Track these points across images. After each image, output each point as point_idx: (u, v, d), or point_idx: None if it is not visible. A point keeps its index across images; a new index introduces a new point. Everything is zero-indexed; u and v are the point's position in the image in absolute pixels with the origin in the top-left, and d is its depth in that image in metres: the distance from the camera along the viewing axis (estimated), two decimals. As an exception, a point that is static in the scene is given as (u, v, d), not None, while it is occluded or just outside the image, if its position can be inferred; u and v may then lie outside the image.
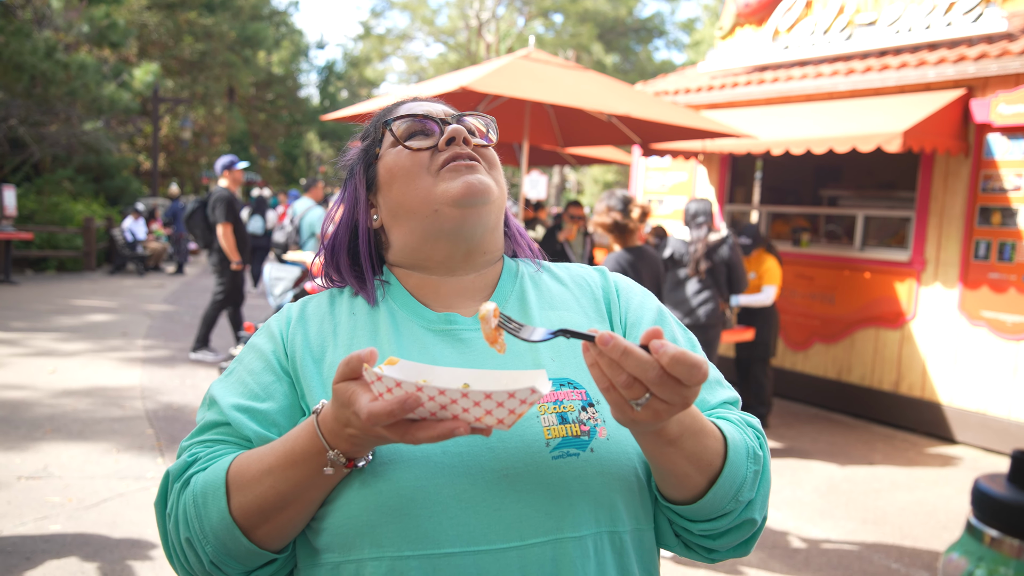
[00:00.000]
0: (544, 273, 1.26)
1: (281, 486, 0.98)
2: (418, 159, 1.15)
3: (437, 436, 0.86)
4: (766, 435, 6.43)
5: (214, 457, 1.06)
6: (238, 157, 7.85)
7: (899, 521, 4.85)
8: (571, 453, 1.01)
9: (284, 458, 0.97)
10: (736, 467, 1.01)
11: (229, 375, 1.14)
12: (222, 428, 1.08)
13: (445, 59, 34.98)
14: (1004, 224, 6.39)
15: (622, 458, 1.04)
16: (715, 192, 8.84)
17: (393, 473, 0.99)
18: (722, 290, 5.92)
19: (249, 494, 0.99)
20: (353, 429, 0.90)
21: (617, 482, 1.03)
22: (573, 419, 1.03)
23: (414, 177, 1.14)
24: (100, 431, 5.71)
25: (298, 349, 1.12)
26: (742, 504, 1.03)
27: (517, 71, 5.80)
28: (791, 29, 8.12)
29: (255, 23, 29.60)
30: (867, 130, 6.32)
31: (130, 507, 4.40)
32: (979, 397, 6.56)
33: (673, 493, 1.03)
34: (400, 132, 1.17)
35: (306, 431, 0.97)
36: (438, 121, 1.16)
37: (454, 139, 1.14)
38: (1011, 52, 6.21)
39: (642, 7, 35.69)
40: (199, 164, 30.90)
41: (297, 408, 1.09)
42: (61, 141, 17.45)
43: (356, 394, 0.88)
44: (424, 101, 1.23)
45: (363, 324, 1.15)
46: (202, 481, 1.02)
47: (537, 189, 16.59)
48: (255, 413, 1.07)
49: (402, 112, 1.20)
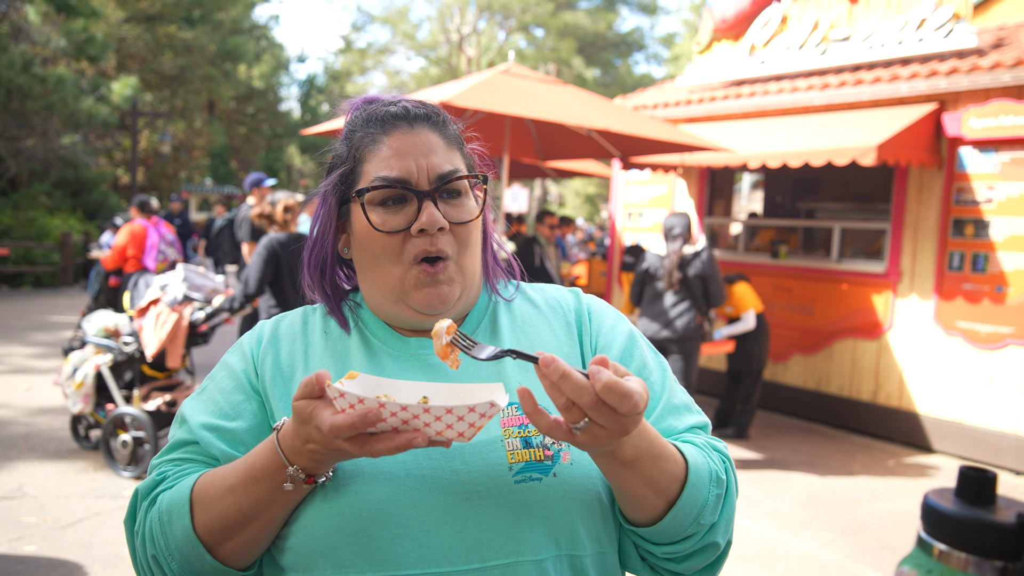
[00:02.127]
0: (519, 296, 1.26)
1: (243, 503, 0.98)
2: (389, 243, 1.09)
3: (395, 448, 0.87)
4: (746, 446, 6.47)
5: (181, 475, 1.07)
6: (259, 174, 7.69)
7: (878, 531, 4.90)
8: (534, 478, 1.02)
9: (245, 475, 0.98)
10: (696, 491, 1.01)
11: (201, 393, 1.15)
12: (191, 447, 1.09)
13: (426, 73, 35.07)
14: (977, 236, 6.50)
15: (585, 482, 1.04)
16: (694, 204, 8.92)
17: (355, 493, 0.99)
18: (699, 303, 5.97)
19: (212, 511, 1.00)
20: (314, 444, 0.91)
21: (579, 506, 1.03)
22: (537, 443, 1.04)
23: (383, 262, 1.11)
24: (76, 449, 5.64)
25: (268, 369, 1.13)
26: (704, 527, 1.03)
27: (497, 86, 5.84)
28: (767, 44, 8.24)
29: (235, 37, 29.53)
30: (842, 144, 6.42)
31: (106, 526, 4.34)
32: (955, 406, 6.64)
33: (633, 515, 1.03)
34: (370, 197, 1.10)
35: (267, 448, 0.97)
36: (415, 192, 1.09)
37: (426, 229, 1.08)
38: (981, 67, 6.34)
39: (622, 22, 36.04)
40: (178, 178, 30.69)
41: (266, 427, 1.10)
42: (38, 155, 17.28)
43: (317, 409, 0.89)
44: (402, 104, 1.15)
45: (335, 347, 1.15)
46: (168, 499, 1.03)
47: (518, 202, 16.63)
48: (223, 432, 1.08)
49: (380, 153, 1.11)
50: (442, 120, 1.16)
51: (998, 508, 0.95)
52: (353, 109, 1.20)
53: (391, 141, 1.11)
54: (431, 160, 1.10)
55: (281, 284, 5.27)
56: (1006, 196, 6.32)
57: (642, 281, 6.23)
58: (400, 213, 1.09)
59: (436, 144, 1.12)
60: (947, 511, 0.53)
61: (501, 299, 1.23)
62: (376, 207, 1.10)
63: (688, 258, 5.96)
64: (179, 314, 5.24)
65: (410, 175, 1.09)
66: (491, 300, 1.23)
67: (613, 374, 0.83)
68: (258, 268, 5.14)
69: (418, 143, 1.11)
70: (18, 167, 17.18)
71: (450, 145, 1.14)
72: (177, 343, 5.23)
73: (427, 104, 1.17)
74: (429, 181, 1.09)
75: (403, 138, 1.11)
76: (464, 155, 1.18)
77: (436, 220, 1.07)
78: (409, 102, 1.16)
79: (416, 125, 1.12)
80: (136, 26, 24.92)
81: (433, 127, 1.14)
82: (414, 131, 1.12)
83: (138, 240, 7.92)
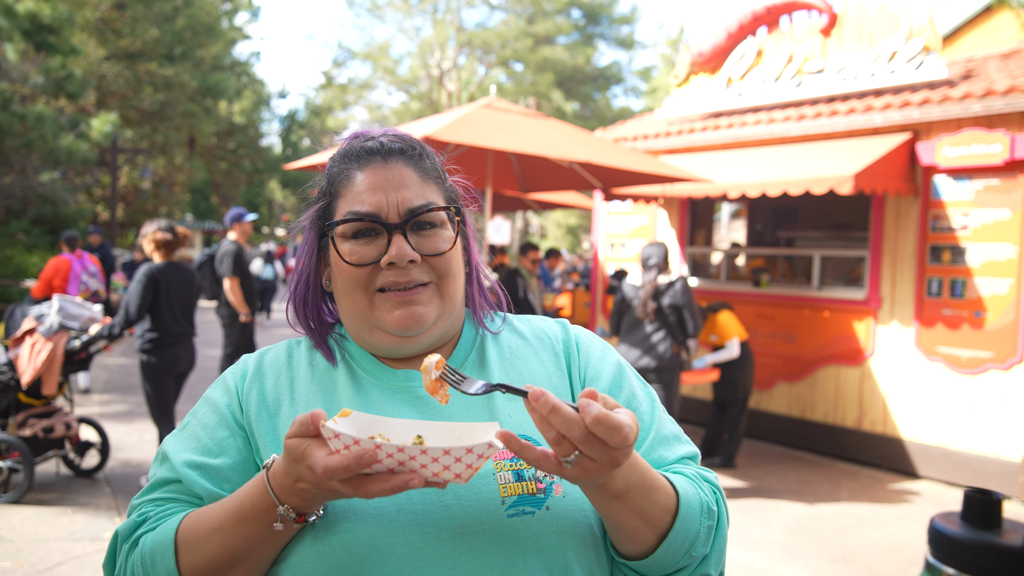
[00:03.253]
0: (506, 328, 1.26)
1: (231, 544, 0.96)
2: (357, 275, 1.10)
3: (391, 489, 0.86)
4: (733, 475, 6.45)
5: (164, 516, 1.04)
6: (240, 209, 7.69)
7: (868, 558, 4.88)
8: (526, 511, 1.01)
9: (233, 515, 0.96)
10: (688, 522, 1.01)
11: (183, 429, 1.13)
12: (173, 485, 1.07)
13: (407, 107, 35.31)
14: (954, 262, 6.60)
15: (578, 515, 1.04)
16: (676, 234, 9.00)
17: (346, 531, 0.98)
18: (674, 332, 5.99)
19: (199, 553, 0.97)
20: (305, 483, 0.89)
21: (572, 539, 1.03)
22: (529, 476, 1.04)
23: (352, 291, 1.12)
24: (54, 490, 5.52)
25: (253, 403, 1.11)
26: (696, 560, 1.03)
27: (479, 120, 5.89)
28: (743, 77, 8.39)
29: (216, 73, 29.64)
30: (819, 173, 6.52)
31: (85, 570, 4.24)
32: (939, 432, 6.68)
33: (625, 548, 1.03)
34: (343, 230, 1.11)
35: (256, 487, 0.95)
36: (384, 225, 1.09)
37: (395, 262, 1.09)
38: (952, 98, 6.49)
39: (600, 56, 36.48)
40: (159, 214, 30.53)
41: (251, 463, 1.08)
42: (16, 193, 17.14)
43: (310, 448, 0.87)
44: (379, 139, 1.16)
45: (321, 381, 1.14)
46: (151, 541, 1.01)
47: (501, 234, 16.70)
48: (207, 469, 1.06)
49: (353, 188, 1.12)
50: (418, 154, 1.16)
51: (1004, 531, 0.95)
52: (343, 143, 1.21)
53: (365, 176, 1.12)
54: (402, 194, 1.11)
55: (160, 310, 5.58)
56: (981, 223, 6.44)
57: (620, 311, 6.26)
58: (370, 245, 1.10)
59: (409, 178, 1.12)
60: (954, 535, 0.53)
61: (488, 332, 1.23)
62: (348, 240, 1.11)
63: (662, 288, 6.00)
64: (55, 343, 5.42)
65: (380, 209, 1.10)
66: (478, 333, 1.22)
67: (603, 407, 0.83)
68: (138, 295, 5.45)
69: (390, 177, 1.11)
70: (-5, 204, 17.02)
71: (425, 178, 1.14)
72: (53, 371, 5.43)
73: (405, 138, 1.17)
74: (399, 214, 1.10)
75: (376, 172, 1.12)
76: (443, 187, 1.18)
77: (405, 253, 1.08)
78: (387, 136, 1.16)
79: (390, 159, 1.13)
80: (116, 63, 24.97)
81: (408, 161, 1.14)
82: (387, 165, 1.12)
83: (62, 272, 8.63)
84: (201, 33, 27.45)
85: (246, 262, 7.50)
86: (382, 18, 34.77)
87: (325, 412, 0.89)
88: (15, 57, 17.10)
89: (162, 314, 5.60)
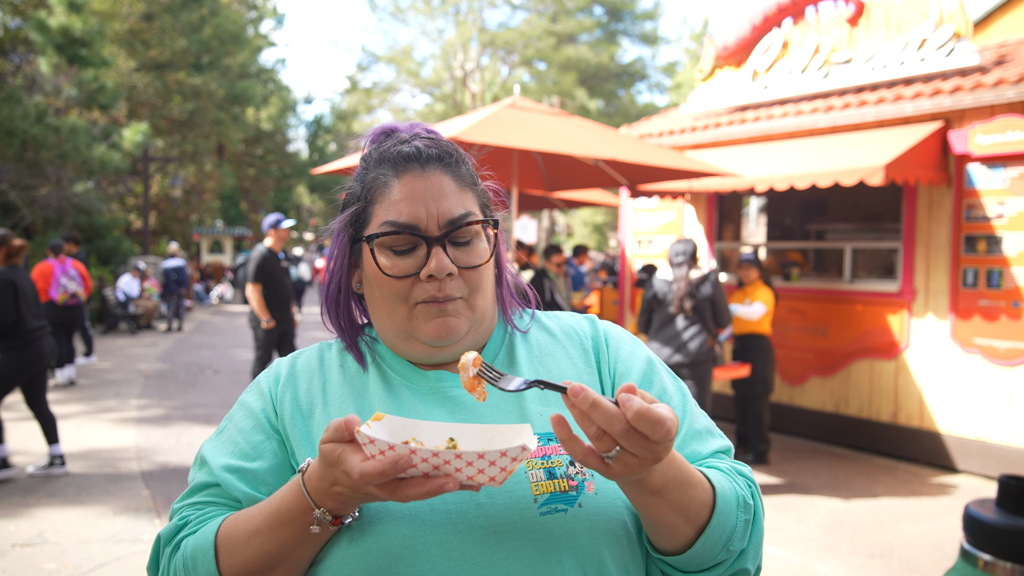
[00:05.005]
0: (534, 325, 1.26)
1: (269, 547, 0.98)
2: (398, 287, 1.10)
3: (426, 493, 0.86)
4: (767, 471, 6.39)
5: (204, 519, 1.06)
6: (278, 215, 7.76)
7: (906, 554, 4.81)
8: (559, 509, 1.01)
9: (271, 518, 0.98)
10: (725, 517, 1.00)
11: (220, 434, 1.15)
12: (212, 489, 1.09)
13: (432, 109, 35.47)
14: (990, 252, 6.47)
15: (611, 512, 1.04)
16: (703, 230, 8.94)
17: (381, 531, 0.99)
18: (709, 327, 5.96)
19: (238, 556, 0.99)
20: (341, 487, 0.90)
21: (605, 536, 1.03)
22: (561, 474, 1.04)
23: (390, 302, 1.12)
24: (95, 494, 5.64)
25: (287, 407, 1.13)
26: (733, 554, 1.02)
27: (504, 120, 5.90)
28: (769, 69, 8.31)
29: (243, 81, 30.02)
30: (849, 164, 6.44)
31: (127, 571, 4.33)
32: (978, 425, 6.56)
33: (662, 544, 1.02)
34: (380, 240, 1.10)
35: (292, 491, 0.97)
36: (423, 238, 1.09)
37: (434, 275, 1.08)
38: (984, 84, 6.37)
39: (623, 53, 36.33)
40: (190, 221, 31.01)
41: (287, 466, 1.10)
42: (52, 204, 17.53)
43: (345, 453, 0.89)
44: (415, 144, 1.14)
45: (353, 383, 1.15)
46: (192, 544, 1.03)
47: (527, 233, 16.71)
48: (245, 473, 1.08)
49: (390, 196, 1.11)
50: (455, 160, 1.14)
51: (1041, 516, 0.94)
52: (371, 140, 1.21)
53: (402, 184, 1.10)
54: (441, 205, 1.09)
55: (20, 310, 5.93)
56: (1017, 211, 6.31)
57: (650, 308, 6.23)
58: (409, 258, 1.10)
59: (447, 187, 1.11)
60: (990, 521, 0.52)
61: (517, 331, 1.23)
62: (385, 250, 1.10)
63: (697, 282, 5.97)
64: None
65: (419, 221, 1.09)
66: (507, 332, 1.23)
67: (643, 401, 0.83)
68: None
69: (429, 187, 1.10)
70: (33, 215, 17.42)
71: (462, 187, 1.13)
72: None
73: (440, 143, 1.16)
74: (439, 226, 1.09)
75: (414, 182, 1.10)
76: (477, 195, 1.17)
77: (445, 266, 1.08)
78: (422, 140, 1.14)
79: (428, 167, 1.11)
80: (146, 74, 25.40)
81: (446, 168, 1.12)
82: (426, 173, 1.11)
83: (45, 275, 9.68)
84: (227, 42, 27.83)
85: (275, 267, 7.50)
86: (405, 21, 34.97)
87: (359, 418, 0.90)
88: (48, 71, 17.48)
89: (22, 313, 5.94)
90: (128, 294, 16.54)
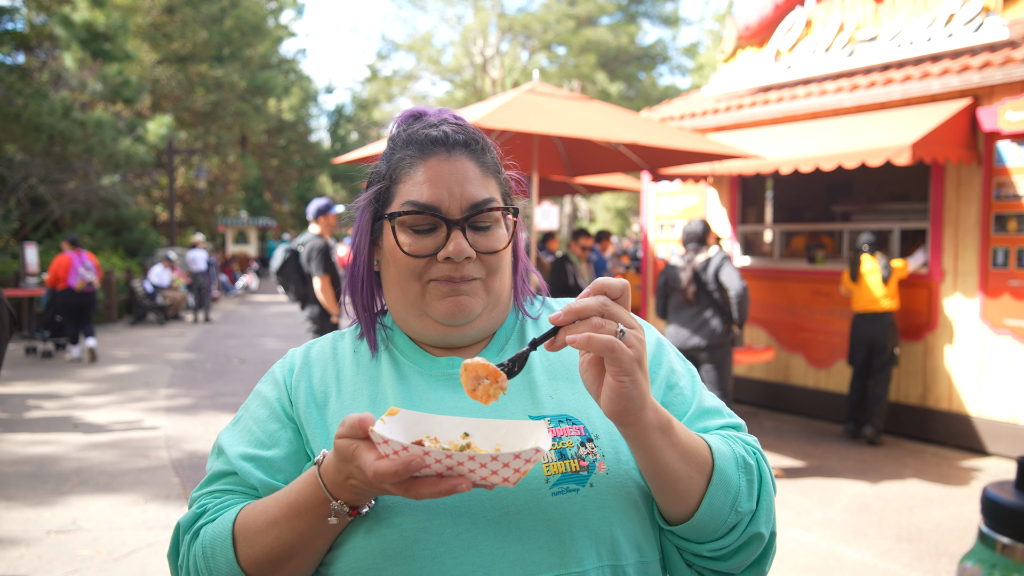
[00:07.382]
0: (544, 311, 1.27)
1: (287, 536, 1.00)
2: (413, 264, 1.12)
3: (440, 493, 0.88)
4: (794, 454, 6.34)
5: (222, 508, 1.08)
6: (326, 200, 7.02)
7: (934, 537, 4.76)
8: (571, 489, 1.02)
9: (288, 509, 1.00)
10: (726, 473, 1.01)
11: (236, 423, 1.17)
12: (230, 478, 1.11)
13: (452, 96, 35.42)
14: (1021, 231, 6.35)
15: (622, 491, 1.05)
16: (727, 213, 8.85)
17: (396, 517, 1.01)
18: (722, 309, 5.90)
19: (256, 545, 1.01)
20: (356, 481, 0.92)
21: (617, 515, 1.04)
22: (572, 455, 1.05)
23: (406, 279, 1.13)
24: (127, 482, 5.74)
25: (302, 396, 1.15)
26: (744, 515, 1.02)
27: (524, 105, 5.88)
28: (792, 49, 8.18)
29: (265, 72, 30.19)
30: (875, 144, 6.33)
31: (159, 557, 4.41)
32: (1009, 407, 6.46)
33: (673, 507, 1.02)
34: (402, 219, 1.12)
35: (308, 482, 0.98)
36: (444, 220, 1.10)
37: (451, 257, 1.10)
38: (1015, 59, 6.22)
39: (644, 35, 35.94)
40: (215, 212, 31.33)
41: (302, 454, 1.12)
42: (80, 197, 17.80)
43: (360, 450, 0.90)
44: (443, 128, 1.15)
45: (366, 371, 1.17)
46: (210, 533, 1.05)
47: (549, 219, 16.66)
48: (261, 461, 1.10)
49: (415, 177, 1.12)
50: (481, 147, 1.16)
51: (1060, 499, 0.92)
52: (400, 123, 1.21)
53: (427, 166, 1.12)
54: (465, 189, 1.11)
55: None
56: (1049, 189, 6.17)
57: (665, 293, 6.20)
58: (429, 238, 1.11)
59: (472, 172, 1.12)
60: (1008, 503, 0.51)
61: (528, 317, 1.25)
62: (406, 229, 1.12)
63: (701, 266, 5.92)
64: None
65: (441, 203, 1.10)
66: (518, 318, 1.24)
67: None
68: None
69: (454, 171, 1.11)
70: (61, 209, 17.70)
71: (486, 173, 1.15)
72: None
73: (468, 129, 1.17)
74: (461, 210, 1.10)
75: (439, 165, 1.11)
76: (500, 183, 1.18)
77: (463, 250, 1.09)
78: (450, 126, 1.15)
79: (454, 152, 1.12)
80: (169, 67, 25.62)
81: (471, 155, 1.14)
82: (451, 158, 1.12)
83: (64, 266, 11.04)
84: (248, 33, 27.97)
85: (334, 258, 6.88)
86: (424, 8, 34.88)
87: (373, 416, 0.91)
88: (73, 66, 17.70)
89: None
90: (159, 285, 16.80)
